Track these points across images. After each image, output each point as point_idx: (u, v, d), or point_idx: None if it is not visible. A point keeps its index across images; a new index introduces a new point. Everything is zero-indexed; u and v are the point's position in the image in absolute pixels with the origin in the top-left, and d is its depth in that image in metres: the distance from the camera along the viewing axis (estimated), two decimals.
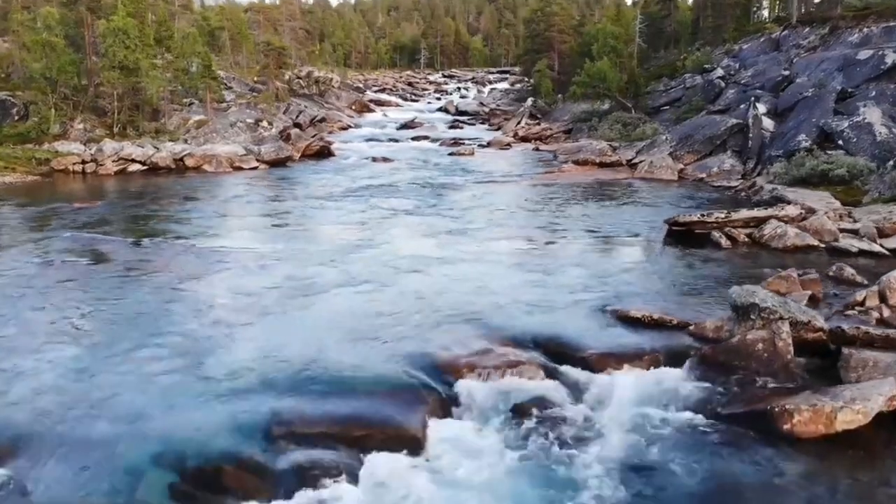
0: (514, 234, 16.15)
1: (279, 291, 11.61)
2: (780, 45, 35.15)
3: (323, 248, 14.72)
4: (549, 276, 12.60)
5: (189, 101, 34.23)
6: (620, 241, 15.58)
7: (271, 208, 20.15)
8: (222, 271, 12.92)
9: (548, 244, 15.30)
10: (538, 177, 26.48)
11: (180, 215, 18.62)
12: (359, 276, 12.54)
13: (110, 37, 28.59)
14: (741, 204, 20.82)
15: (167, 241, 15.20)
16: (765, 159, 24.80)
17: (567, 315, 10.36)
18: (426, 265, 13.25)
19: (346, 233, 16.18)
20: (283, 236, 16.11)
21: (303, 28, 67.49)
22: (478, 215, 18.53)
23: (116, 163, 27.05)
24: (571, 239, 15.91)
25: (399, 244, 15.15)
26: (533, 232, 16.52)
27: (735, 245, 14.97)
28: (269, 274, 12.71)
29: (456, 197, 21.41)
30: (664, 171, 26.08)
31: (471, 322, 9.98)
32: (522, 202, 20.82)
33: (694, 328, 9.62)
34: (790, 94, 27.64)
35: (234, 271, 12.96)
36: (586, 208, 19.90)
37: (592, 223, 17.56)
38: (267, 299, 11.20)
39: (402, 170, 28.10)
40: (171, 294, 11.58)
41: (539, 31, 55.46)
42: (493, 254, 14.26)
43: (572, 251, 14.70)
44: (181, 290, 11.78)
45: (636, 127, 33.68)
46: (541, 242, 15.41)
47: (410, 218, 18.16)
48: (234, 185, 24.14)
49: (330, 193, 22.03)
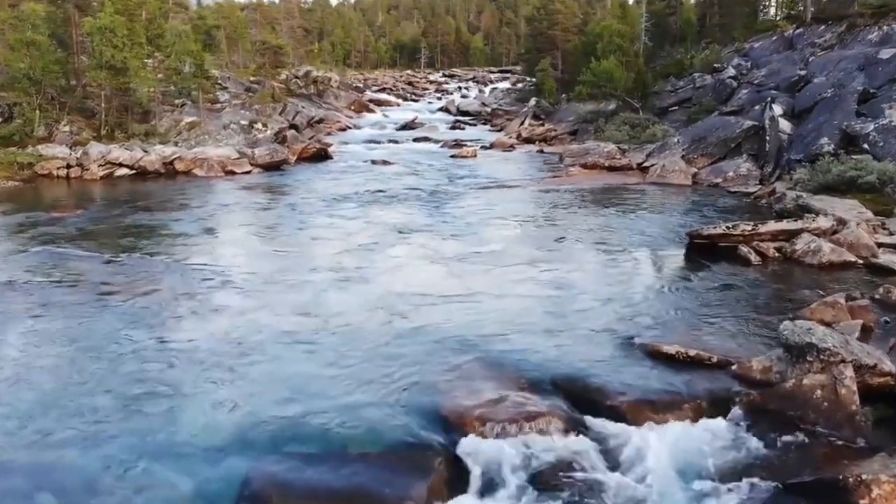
0: (523, 250, 14.80)
1: (263, 328, 10.17)
2: (794, 43, 33.90)
3: (315, 272, 13.21)
4: (565, 299, 11.34)
5: (182, 101, 32.98)
6: (639, 257, 14.31)
7: (262, 220, 18.69)
8: (202, 299, 11.51)
9: (561, 261, 13.97)
10: (544, 181, 25.24)
11: (163, 227, 17.31)
12: (353, 305, 11.16)
13: (97, 35, 27.32)
14: (761, 212, 19.61)
15: (145, 258, 13.93)
16: (783, 163, 23.56)
17: (589, 349, 9.11)
18: (427, 290, 11.88)
19: (340, 251, 14.67)
20: (272, 256, 14.63)
21: (301, 27, 66.16)
22: (482, 227, 17.19)
23: (102, 167, 25.79)
24: (585, 254, 14.65)
25: (398, 265, 13.72)
26: (543, 246, 15.22)
27: (765, 261, 13.73)
28: (253, 304, 11.29)
29: (458, 205, 20.13)
30: (677, 175, 24.83)
31: (480, 359, 8.72)
32: (529, 211, 19.57)
33: (737, 368, 8.37)
34: (808, 94, 26.38)
35: (216, 299, 11.57)
36: (598, 217, 18.65)
37: (606, 235, 16.31)
38: (249, 338, 9.76)
39: (402, 174, 26.86)
40: (139, 328, 10.14)
41: (542, 29, 54.22)
42: (500, 274, 12.91)
43: (588, 269, 13.44)
44: (152, 323, 10.38)
45: (645, 128, 32.43)
46: (553, 259, 14.09)
47: (410, 232, 16.70)
48: (225, 192, 22.88)
49: (326, 202, 20.74)
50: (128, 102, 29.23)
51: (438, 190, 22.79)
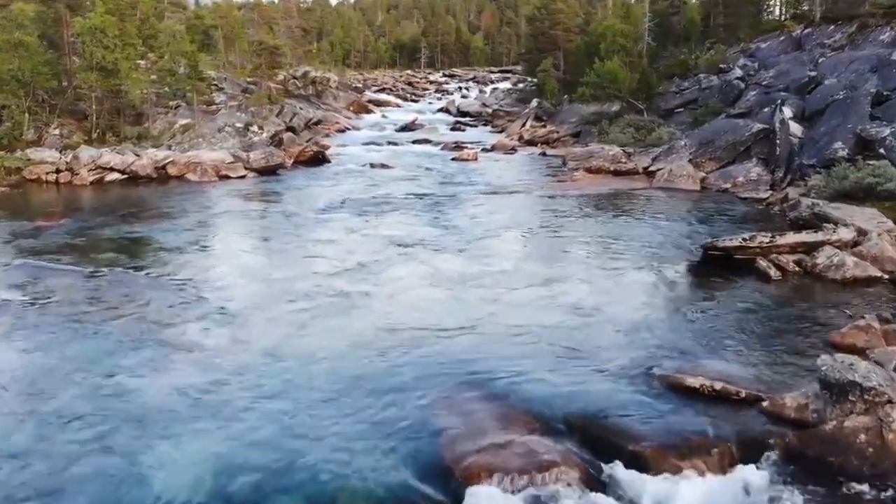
0: (529, 267, 13.92)
1: (247, 360, 9.23)
2: (803, 43, 33.11)
3: (307, 295, 12.14)
4: (576, 324, 10.55)
5: (176, 103, 32.19)
6: (652, 272, 13.52)
7: (253, 232, 17.81)
8: (182, 324, 10.60)
9: (569, 279, 13.11)
10: (548, 186, 24.47)
11: (149, 238, 16.47)
12: (346, 334, 10.26)
13: (87, 36, 26.53)
14: (774, 220, 18.86)
15: (127, 274, 13.14)
16: (794, 168, 22.79)
17: (605, 381, 8.35)
18: (427, 315, 11.01)
19: (334, 271, 13.59)
20: (261, 275, 13.60)
21: (300, 26, 65.35)
22: (485, 241, 16.27)
23: (93, 172, 25.01)
24: (595, 270, 13.82)
25: (396, 288, 12.68)
26: (550, 262, 14.39)
27: (785, 276, 12.97)
28: (237, 333, 10.32)
29: (459, 214, 19.30)
30: (685, 180, 24.06)
31: (486, 395, 7.95)
32: (534, 220, 18.77)
33: (769, 405, 7.60)
34: (819, 96, 25.60)
35: (197, 325, 10.60)
36: (605, 226, 17.89)
37: (616, 247, 15.53)
38: (230, 372, 8.83)
39: (402, 178, 26.08)
40: (109, 359, 9.25)
41: (543, 29, 53.37)
42: (506, 297, 12.02)
43: (599, 288, 12.58)
44: (124, 354, 9.44)
45: (650, 131, 31.63)
46: (561, 276, 13.21)
47: (409, 245, 15.73)
48: (217, 199, 22.09)
49: (321, 210, 19.90)
50: (120, 105, 28.44)
51: (439, 196, 22.00)
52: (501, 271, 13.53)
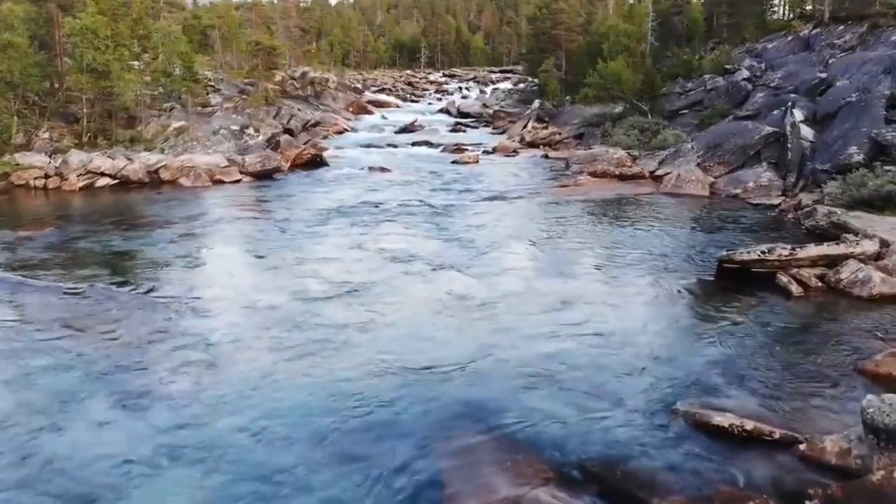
0: (536, 284, 13.14)
1: (230, 400, 8.43)
2: (812, 44, 32.37)
3: (298, 320, 11.17)
4: (588, 349, 9.81)
5: (170, 105, 31.45)
6: (666, 288, 12.78)
7: (245, 244, 16.76)
8: (156, 359, 9.64)
9: (578, 299, 12.30)
10: (552, 191, 23.73)
11: (136, 249, 15.68)
12: (339, 366, 9.42)
13: (78, 36, 25.79)
14: (789, 228, 18.14)
15: (109, 290, 12.39)
16: (807, 173, 22.07)
17: (622, 420, 7.62)
18: (428, 339, 10.25)
19: (329, 292, 12.62)
20: (252, 294, 12.62)
21: (298, 26, 64.59)
22: (488, 253, 15.46)
23: (83, 177, 24.26)
24: (605, 286, 13.05)
25: (394, 313, 11.69)
26: (558, 277, 13.61)
27: (807, 291, 12.24)
28: (221, 364, 9.48)
29: (461, 223, 18.51)
30: (693, 185, 23.33)
31: (493, 438, 7.21)
32: (539, 228, 18.02)
33: (806, 448, 6.88)
34: (831, 99, 24.84)
35: (174, 358, 9.69)
36: (613, 236, 17.16)
37: (625, 260, 14.79)
38: (211, 413, 8.04)
39: (401, 183, 25.35)
40: (78, 394, 8.45)
41: (544, 28, 52.61)
42: (512, 317, 11.26)
43: (610, 307, 11.79)
44: (94, 388, 8.66)
45: (655, 133, 30.89)
46: (569, 296, 12.37)
47: (409, 261, 14.84)
48: (210, 206, 21.34)
49: (317, 219, 19.13)
50: (112, 107, 27.69)
51: (439, 203, 21.25)
52: (508, 293, 12.63)
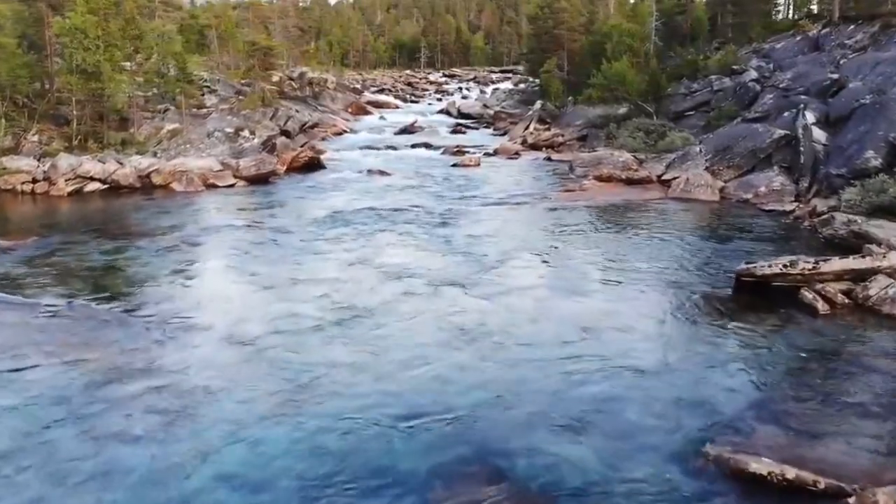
0: (546, 306, 12.24)
1: (205, 442, 7.63)
2: (821, 44, 31.58)
3: (285, 352, 10.17)
4: (603, 381, 8.98)
5: (164, 107, 30.66)
6: (682, 307, 11.97)
7: (234, 256, 15.80)
8: (129, 395, 8.73)
9: (591, 321, 11.41)
10: (557, 197, 22.95)
11: (121, 261, 14.84)
12: (331, 404, 8.60)
13: (67, 37, 25.01)
14: (805, 237, 17.38)
15: (88, 307, 11.59)
16: (821, 178, 21.31)
17: (647, 464, 6.85)
18: (433, 375, 9.37)
19: (322, 315, 11.65)
20: (237, 317, 11.69)
21: (296, 26, 63.81)
22: (494, 267, 14.55)
23: (71, 181, 23.46)
24: (618, 305, 12.18)
25: (393, 338, 10.77)
26: (568, 295, 12.76)
27: (833, 309, 11.47)
28: (201, 401, 8.62)
29: (463, 232, 17.65)
30: (703, 190, 22.55)
31: (503, 490, 6.42)
32: (545, 238, 17.18)
33: (856, 502, 6.10)
34: (844, 100, 24.07)
35: (150, 393, 8.80)
36: (622, 245, 16.38)
37: (637, 274, 13.97)
38: (188, 460, 7.27)
39: (401, 188, 24.56)
40: (43, 435, 7.66)
41: (546, 28, 51.80)
42: (518, 341, 10.41)
43: (625, 331, 10.95)
44: (60, 426, 7.88)
45: (661, 135, 30.11)
46: (582, 316, 11.57)
47: (409, 277, 13.88)
48: (202, 212, 20.55)
49: (312, 228, 18.24)
50: (103, 109, 26.88)
51: (440, 210, 20.46)
52: (517, 318, 11.66)
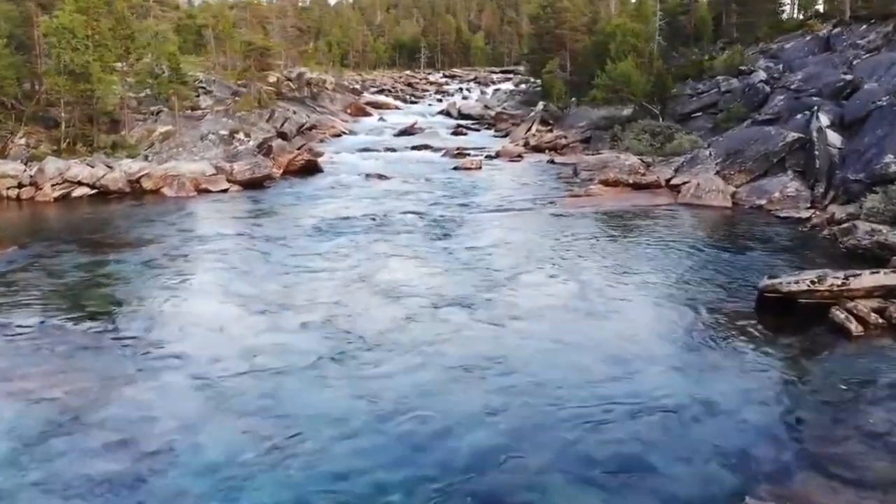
0: (556, 328, 11.30)
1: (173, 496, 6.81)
2: (832, 44, 30.74)
3: (275, 389, 9.16)
4: (628, 421, 8.05)
5: (157, 108, 29.82)
6: (705, 327, 11.09)
7: (224, 269, 14.81)
8: (108, 430, 7.96)
9: (607, 346, 10.49)
10: (563, 202, 22.10)
11: (102, 275, 13.88)
12: (323, 451, 7.76)
13: (54, 36, 24.16)
14: (825, 247, 16.52)
15: (63, 327, 10.72)
16: (837, 183, 20.48)
17: None
18: (435, 421, 8.40)
19: (314, 346, 10.54)
20: (220, 344, 10.72)
21: (295, 26, 62.99)
22: (502, 286, 13.53)
23: (58, 186, 22.60)
24: (634, 327, 11.27)
25: (393, 378, 9.59)
26: (581, 315, 11.85)
27: (867, 330, 10.61)
28: (171, 447, 7.76)
29: (467, 244, 16.66)
30: (714, 195, 21.69)
31: None
32: (552, 249, 16.23)
33: None
34: (859, 102, 23.24)
35: (127, 429, 7.99)
36: (634, 257, 15.52)
37: (654, 288, 13.14)
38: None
39: (400, 193, 23.71)
40: None
41: (548, 28, 50.99)
42: (535, 380, 9.39)
43: (645, 357, 10.04)
44: (15, 477, 7.05)
45: (668, 137, 29.29)
46: (596, 339, 10.69)
47: (411, 293, 12.91)
48: (192, 219, 19.71)
49: (307, 239, 17.20)
50: (92, 111, 26.03)
51: (442, 217, 19.59)
52: (530, 347, 10.51)
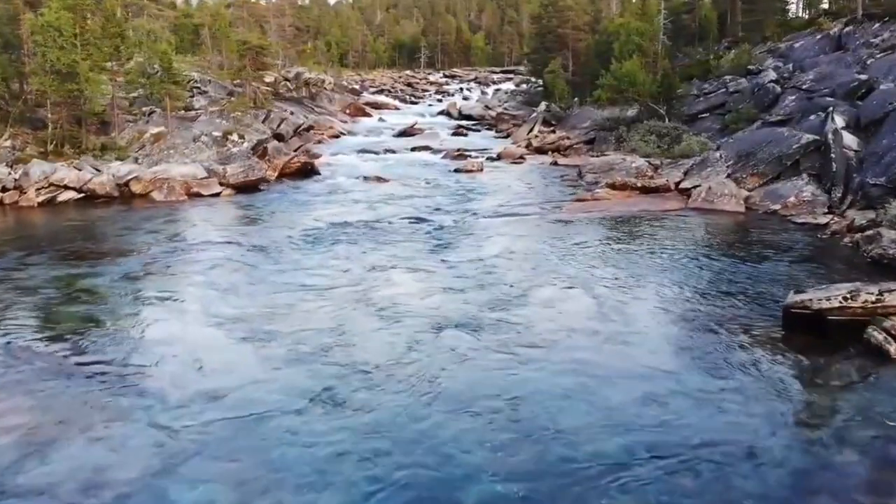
0: (574, 358, 10.15)
1: None
2: (844, 43, 29.86)
3: (257, 432, 8.12)
4: (667, 470, 7.16)
5: (149, 109, 28.94)
6: (728, 348, 10.16)
7: (210, 283, 13.67)
8: (67, 471, 7.06)
9: (631, 372, 9.51)
10: (568, 207, 21.20)
11: (80, 288, 12.87)
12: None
13: (40, 34, 23.28)
14: (844, 255, 15.64)
15: (27, 350, 9.77)
16: (855, 188, 19.61)
17: None
18: (443, 484, 7.38)
19: (303, 382, 9.31)
20: (205, 367, 9.71)
21: (293, 25, 62.12)
22: (507, 301, 12.50)
23: (44, 190, 21.72)
24: (659, 348, 10.31)
25: (391, 415, 8.49)
26: (596, 334, 10.88)
27: None
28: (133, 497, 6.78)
29: (471, 253, 15.72)
30: (726, 200, 20.80)
31: None
32: (561, 259, 15.23)
33: None
34: (875, 103, 22.37)
35: (86, 473, 7.07)
36: (648, 268, 14.59)
37: (673, 303, 12.22)
38: None
39: (399, 197, 22.82)
40: None
41: (550, 27, 50.14)
42: (547, 415, 8.40)
43: (675, 386, 9.15)
44: None
45: (675, 139, 28.43)
46: (618, 365, 9.68)
47: (412, 313, 11.86)
48: (180, 225, 18.78)
49: (300, 248, 16.17)
50: (80, 112, 25.13)
51: (444, 224, 18.66)
52: (547, 381, 9.35)
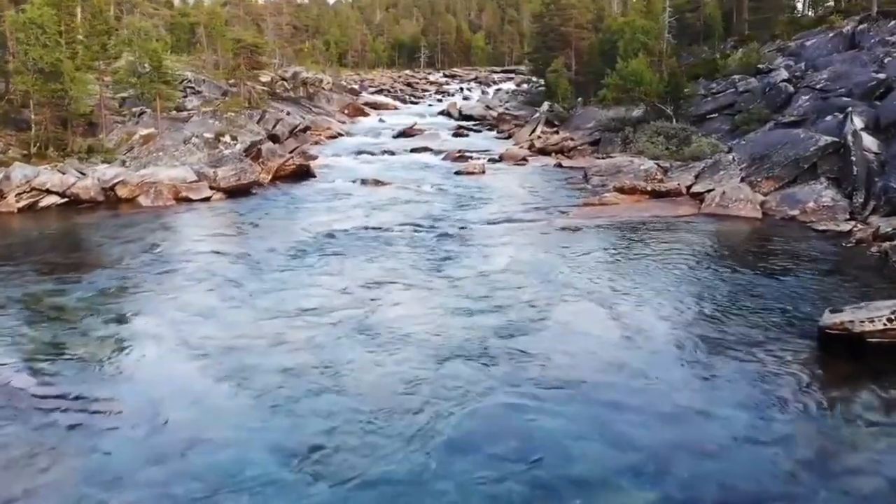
0: (593, 390, 9.18)
1: None
2: (858, 41, 28.81)
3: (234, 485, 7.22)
4: None
5: (139, 110, 27.94)
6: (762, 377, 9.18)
7: (190, 302, 12.63)
8: None
9: (659, 408, 8.53)
10: (575, 212, 20.19)
11: (50, 306, 11.84)
12: None
13: (23, 32, 22.27)
14: (874, 266, 14.66)
15: None
16: (877, 192, 18.61)
17: None
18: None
19: (287, 415, 8.54)
20: (174, 410, 8.67)
21: (290, 24, 61.13)
22: (514, 324, 11.48)
23: (25, 195, 20.67)
24: (688, 379, 9.26)
25: (381, 463, 7.60)
26: (617, 365, 9.86)
27: None
28: None
29: (475, 266, 14.67)
30: (742, 205, 19.78)
31: None
32: (570, 272, 14.19)
33: None
34: (895, 103, 21.37)
35: None
36: (666, 282, 13.57)
37: (694, 321, 11.26)
38: None
39: (398, 202, 21.80)
40: None
41: (552, 26, 49.14)
42: (567, 465, 7.54)
43: (699, 416, 8.15)
44: None
45: (684, 140, 27.40)
46: (642, 398, 8.74)
47: (409, 340, 10.79)
48: (164, 233, 17.74)
49: (291, 260, 15.07)
50: (65, 113, 24.11)
51: (444, 233, 17.61)
52: (565, 423, 8.38)
